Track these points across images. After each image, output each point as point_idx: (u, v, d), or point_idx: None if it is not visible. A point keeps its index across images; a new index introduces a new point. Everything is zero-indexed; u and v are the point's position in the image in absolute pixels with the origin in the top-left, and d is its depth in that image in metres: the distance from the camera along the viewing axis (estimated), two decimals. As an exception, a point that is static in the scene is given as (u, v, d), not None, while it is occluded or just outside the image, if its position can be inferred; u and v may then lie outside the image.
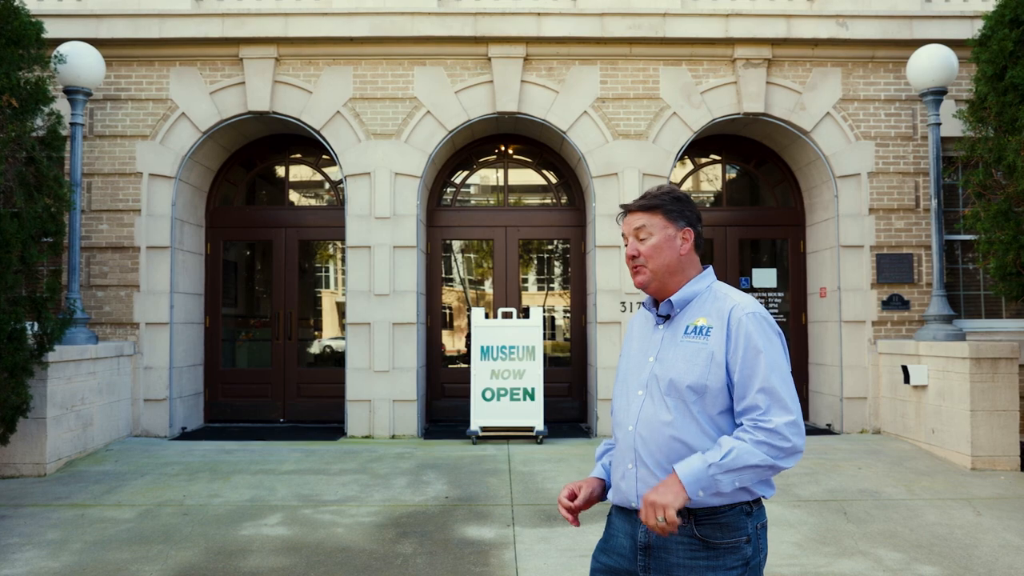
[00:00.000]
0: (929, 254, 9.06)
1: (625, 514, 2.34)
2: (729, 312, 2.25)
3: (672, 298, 2.34)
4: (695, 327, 2.28)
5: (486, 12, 9.17)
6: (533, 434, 8.65)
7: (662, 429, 2.23)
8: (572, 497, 2.41)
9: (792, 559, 5.06)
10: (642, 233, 2.35)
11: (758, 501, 2.26)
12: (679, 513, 2.11)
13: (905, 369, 8.25)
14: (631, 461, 2.29)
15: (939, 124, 8.54)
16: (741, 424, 2.18)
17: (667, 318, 2.37)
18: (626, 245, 2.40)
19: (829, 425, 9.49)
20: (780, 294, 10.35)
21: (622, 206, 2.44)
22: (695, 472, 2.09)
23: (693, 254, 2.38)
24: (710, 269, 2.42)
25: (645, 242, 2.34)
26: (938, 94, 8.50)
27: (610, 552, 2.36)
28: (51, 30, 7.86)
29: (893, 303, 9.21)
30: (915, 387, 8.24)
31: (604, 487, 2.47)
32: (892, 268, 9.25)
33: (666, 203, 2.36)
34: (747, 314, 2.23)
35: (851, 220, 9.29)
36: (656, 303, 2.40)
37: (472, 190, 10.85)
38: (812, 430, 9.51)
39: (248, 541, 5.41)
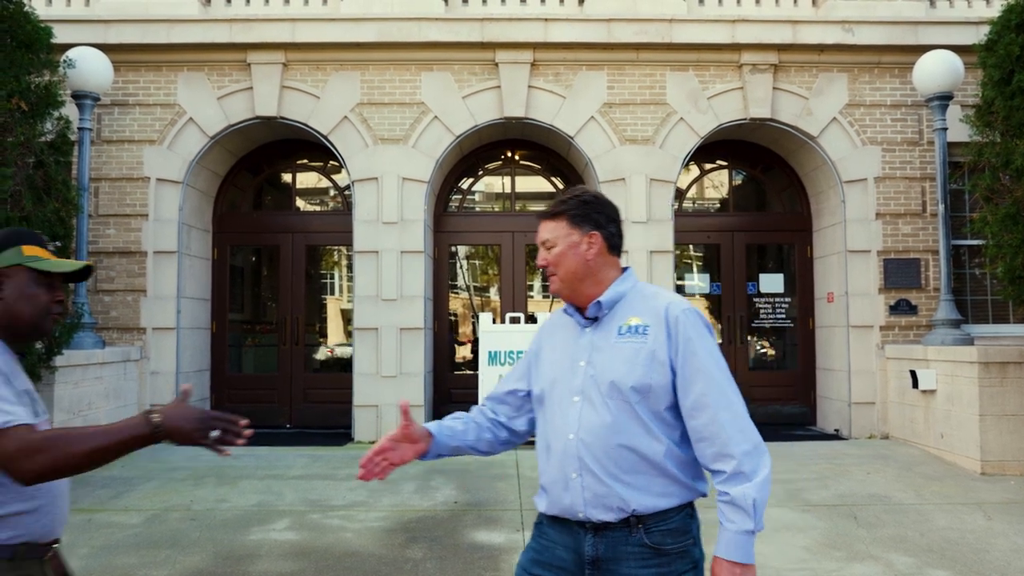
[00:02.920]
0: (936, 259, 9.04)
1: (565, 526, 2.26)
2: (665, 310, 2.23)
3: (601, 299, 2.29)
4: (629, 327, 2.25)
5: (493, 18, 9.19)
6: (540, 439, 8.62)
7: (608, 436, 2.18)
8: (388, 449, 2.29)
9: (803, 564, 5.04)
10: (548, 243, 2.32)
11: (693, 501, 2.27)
12: (628, 522, 2.15)
13: (913, 374, 8.23)
14: (575, 470, 2.20)
15: (945, 129, 8.54)
16: (705, 448, 2.16)
17: (594, 320, 2.32)
18: None
19: (837, 430, 9.46)
20: (787, 299, 10.34)
21: (537, 216, 2.41)
22: (745, 547, 2.10)
23: (607, 256, 2.32)
24: (631, 270, 2.39)
25: (551, 251, 2.31)
26: (944, 99, 8.50)
27: (546, 565, 2.28)
28: (60, 35, 7.88)
29: (901, 308, 9.20)
30: (923, 392, 8.22)
31: (431, 441, 2.34)
32: (899, 273, 9.24)
33: (571, 208, 2.31)
34: (683, 311, 2.22)
35: (858, 225, 9.28)
36: (579, 308, 2.36)
37: (479, 196, 10.86)
38: (820, 435, 9.48)
39: (256, 546, 5.39)
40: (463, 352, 10.66)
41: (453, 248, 10.60)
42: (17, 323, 2.04)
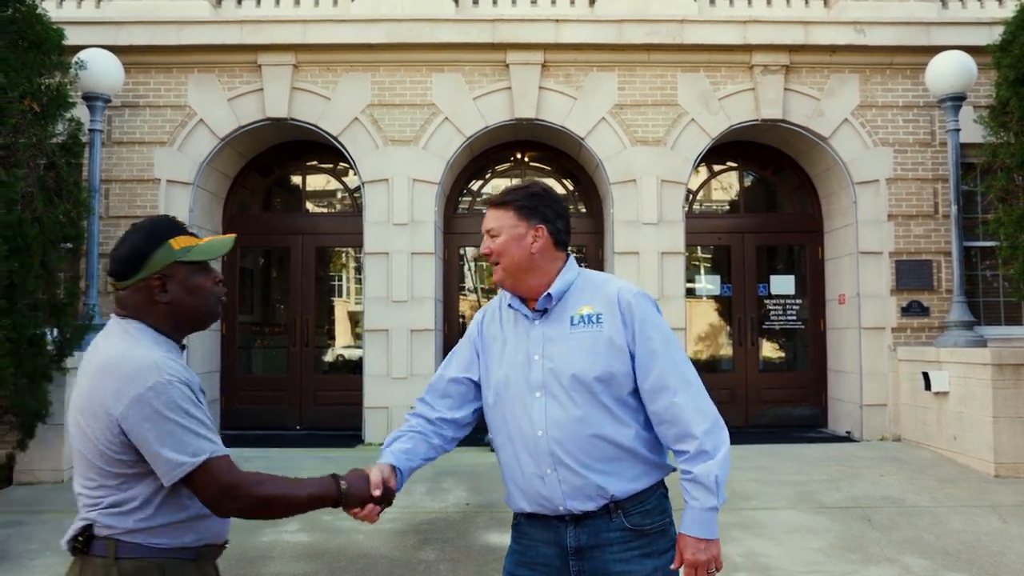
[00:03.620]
0: (948, 260, 8.99)
1: (544, 521, 2.26)
2: (617, 296, 2.24)
3: (551, 291, 2.28)
4: (582, 316, 2.25)
5: (504, 19, 9.18)
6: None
7: (578, 428, 2.18)
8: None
9: (817, 566, 5.01)
10: (493, 231, 2.32)
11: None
12: (607, 508, 2.19)
13: (926, 376, 8.19)
14: (549, 466, 2.20)
15: (958, 130, 8.49)
16: (664, 425, 2.20)
17: (543, 312, 2.31)
18: None
19: (849, 432, 9.42)
20: (798, 301, 10.30)
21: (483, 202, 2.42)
22: (710, 522, 2.15)
23: (552, 250, 2.31)
24: (573, 259, 2.38)
25: (495, 240, 2.31)
26: (957, 100, 8.46)
27: (530, 564, 2.28)
28: (71, 37, 7.88)
29: (913, 309, 9.15)
30: (936, 394, 8.17)
31: (397, 476, 2.28)
32: (911, 274, 9.19)
33: (519, 199, 2.31)
34: (634, 295, 2.25)
35: (870, 226, 9.24)
36: (524, 300, 2.34)
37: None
38: (832, 437, 9.44)
39: (268, 548, 5.38)
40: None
41: (462, 250, 10.59)
42: (189, 316, 2.03)
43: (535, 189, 2.35)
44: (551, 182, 10.66)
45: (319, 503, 2.03)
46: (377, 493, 2.13)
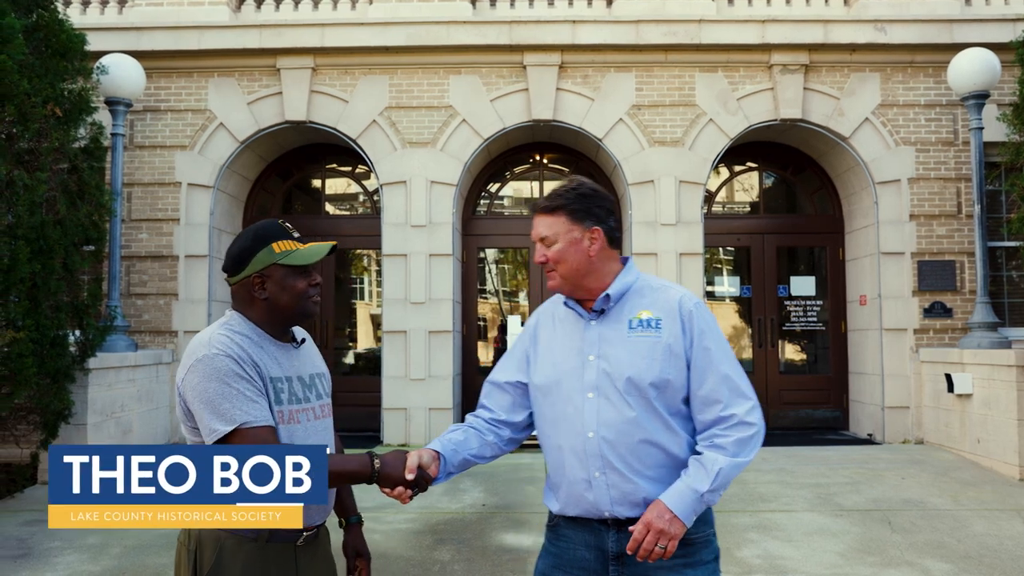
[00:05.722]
0: (972, 261, 8.88)
1: (586, 525, 2.22)
2: (679, 303, 2.22)
3: (610, 291, 2.25)
4: (641, 320, 2.21)
5: (521, 20, 9.19)
6: (569, 443, 8.57)
7: (631, 431, 2.16)
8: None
9: (836, 569, 4.96)
10: (547, 239, 2.26)
11: None
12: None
13: (949, 378, 8.09)
14: (597, 469, 2.17)
15: (982, 128, 8.39)
16: (708, 427, 2.17)
17: (600, 312, 2.27)
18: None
19: (870, 435, 9.32)
20: (819, 302, 10.21)
21: (531, 208, 2.37)
22: (688, 504, 2.09)
23: (608, 250, 2.28)
24: (632, 261, 2.35)
25: (552, 248, 2.25)
26: (980, 98, 8.35)
27: (567, 567, 2.25)
28: (94, 43, 7.97)
29: (935, 311, 9.04)
30: (959, 396, 8.07)
31: (439, 464, 2.24)
32: (934, 275, 9.09)
33: (570, 203, 2.25)
34: (695, 305, 2.23)
35: (891, 227, 9.15)
36: (580, 301, 2.31)
37: (506, 201, 10.86)
38: (853, 440, 9.35)
39: (286, 546, 5.40)
40: (492, 356, 10.65)
41: (482, 253, 10.60)
42: (283, 314, 2.20)
43: (584, 189, 2.28)
44: (569, 184, 10.64)
45: (353, 479, 2.11)
46: (410, 477, 2.11)
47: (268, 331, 2.19)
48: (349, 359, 10.63)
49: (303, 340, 2.32)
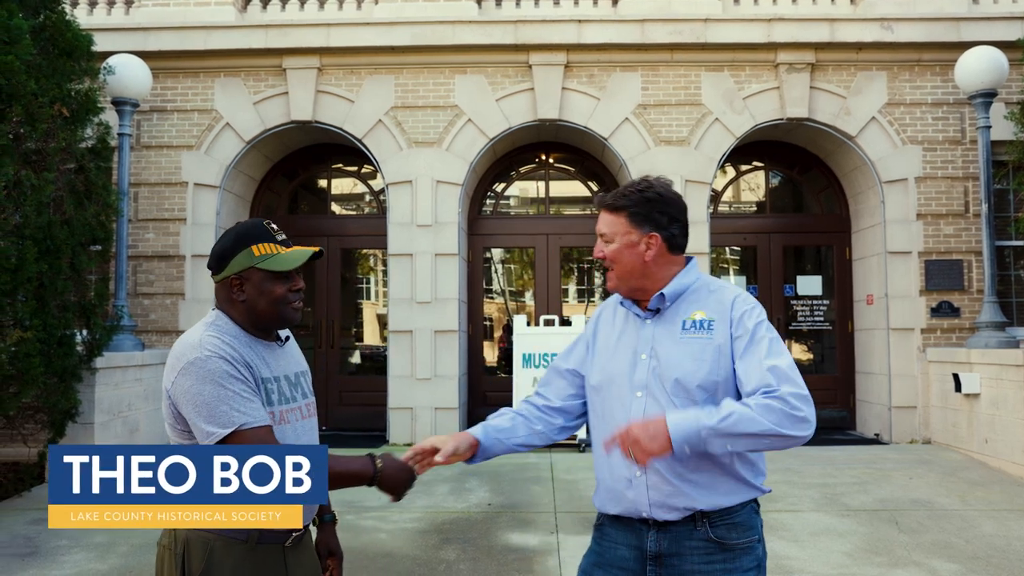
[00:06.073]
0: (979, 260, 8.84)
1: (627, 524, 2.20)
2: (732, 304, 2.16)
3: (664, 291, 2.21)
4: (695, 321, 2.17)
5: (527, 20, 9.19)
6: (576, 443, 8.58)
7: None
8: (433, 452, 2.24)
9: (843, 569, 4.94)
10: (606, 237, 2.24)
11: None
12: (693, 517, 2.11)
13: (956, 377, 8.06)
14: (639, 468, 2.13)
15: (989, 127, 8.36)
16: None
17: (655, 312, 2.24)
18: None
19: (877, 435, 9.29)
20: (825, 302, 10.19)
21: (598, 200, 2.32)
22: (686, 431, 1.97)
23: (667, 255, 2.22)
24: (695, 262, 2.30)
25: (608, 246, 2.23)
26: (988, 96, 8.32)
27: (606, 566, 2.23)
28: (101, 43, 8.00)
29: (943, 310, 9.01)
30: (967, 396, 8.04)
31: (476, 449, 2.29)
32: (941, 275, 9.05)
33: (632, 205, 2.20)
34: (746, 303, 2.17)
35: (898, 226, 9.12)
36: (637, 301, 2.28)
37: (512, 201, 10.85)
38: (859, 440, 9.33)
39: (292, 545, 5.41)
40: (497, 355, 10.65)
41: (487, 252, 10.60)
42: (261, 318, 2.15)
43: (650, 193, 2.21)
44: (575, 184, 10.66)
45: (355, 481, 2.09)
46: (413, 470, 2.18)
47: (251, 332, 2.16)
48: (355, 358, 10.64)
49: (287, 338, 2.29)
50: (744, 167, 10.52)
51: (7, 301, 6.14)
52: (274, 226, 2.20)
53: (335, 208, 10.81)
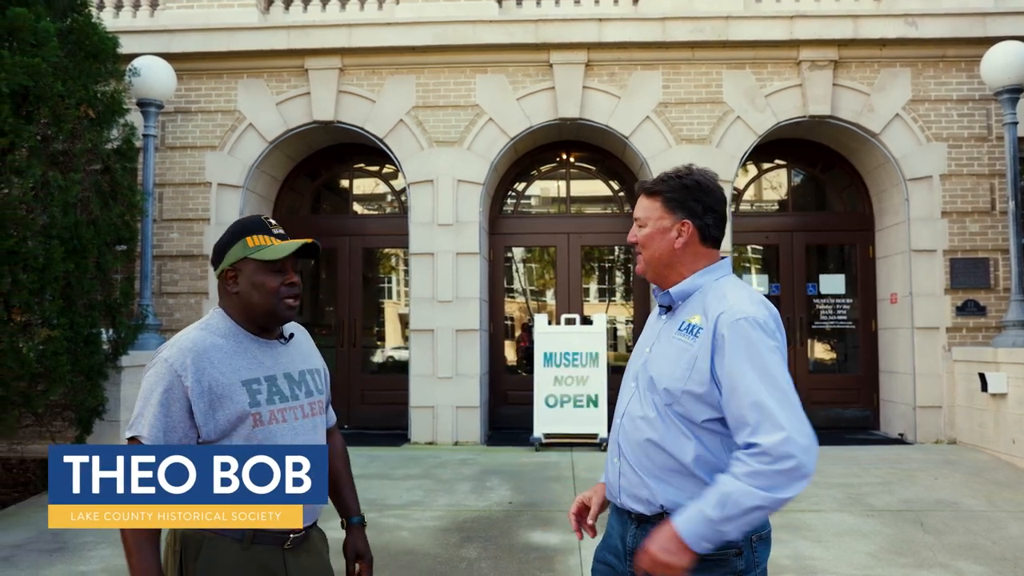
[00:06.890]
0: (1006, 258, 8.74)
1: (619, 514, 2.21)
2: (717, 317, 2.03)
3: (671, 290, 2.18)
4: (689, 325, 2.10)
5: (547, 19, 9.19)
6: (597, 441, 8.57)
7: (641, 428, 2.11)
8: (582, 511, 2.32)
9: (867, 570, 4.90)
10: (640, 220, 2.22)
11: None
12: (663, 515, 2.06)
13: (983, 377, 7.97)
14: (616, 455, 2.19)
15: (1016, 123, 8.27)
16: (738, 449, 1.98)
17: (669, 309, 2.23)
18: None
19: (902, 435, 9.21)
20: (848, 300, 10.11)
21: (638, 186, 2.29)
22: (697, 529, 1.90)
23: (697, 246, 2.17)
24: (726, 262, 2.22)
25: (642, 231, 2.21)
26: (1015, 92, 8.22)
27: (608, 549, 2.26)
28: (126, 45, 8.08)
29: (968, 309, 8.91)
30: (993, 395, 7.95)
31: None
32: (967, 273, 8.96)
33: (669, 190, 2.17)
34: (735, 320, 1.99)
35: (923, 224, 9.03)
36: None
37: (533, 200, 10.85)
38: (884, 439, 9.25)
39: (315, 543, 5.44)
40: (518, 354, 10.65)
41: (509, 252, 10.61)
42: (253, 312, 2.13)
43: (688, 180, 2.17)
44: (596, 183, 10.64)
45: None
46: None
47: (247, 328, 2.13)
48: (377, 358, 10.69)
49: (291, 335, 2.24)
50: (766, 165, 10.46)
51: (35, 300, 6.22)
52: (272, 221, 2.17)
53: (357, 208, 10.86)
